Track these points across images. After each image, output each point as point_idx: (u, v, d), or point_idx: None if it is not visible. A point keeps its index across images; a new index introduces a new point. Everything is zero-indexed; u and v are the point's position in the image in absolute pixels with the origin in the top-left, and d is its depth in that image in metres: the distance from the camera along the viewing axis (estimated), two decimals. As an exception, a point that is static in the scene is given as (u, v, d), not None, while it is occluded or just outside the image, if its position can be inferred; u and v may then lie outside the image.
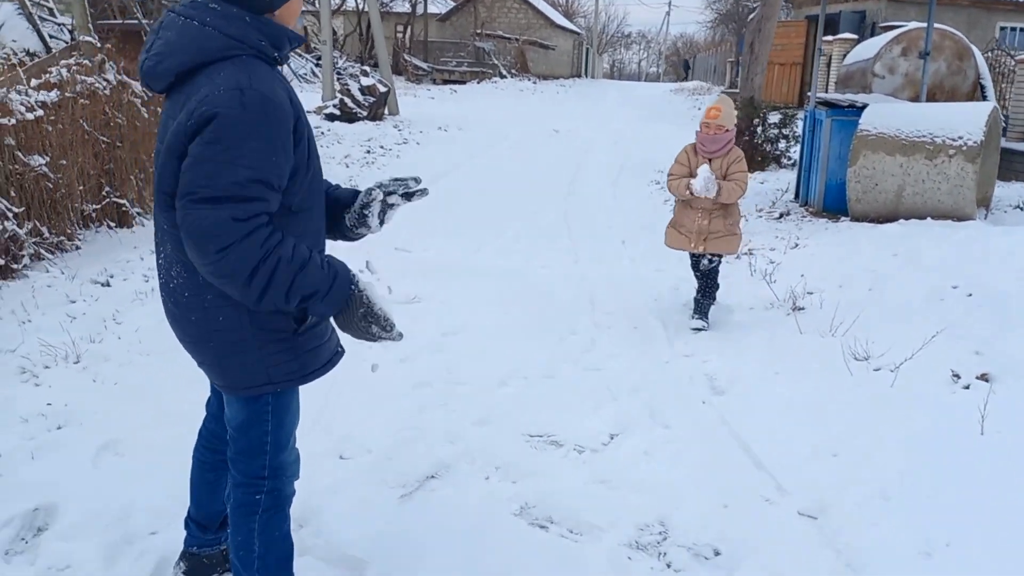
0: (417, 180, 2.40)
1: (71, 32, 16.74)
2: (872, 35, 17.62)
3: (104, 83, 7.24)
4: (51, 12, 17.59)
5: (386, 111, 19.69)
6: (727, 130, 5.27)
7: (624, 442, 3.68)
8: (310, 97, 19.74)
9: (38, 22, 16.16)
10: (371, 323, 2.06)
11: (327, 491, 3.16)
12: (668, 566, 2.79)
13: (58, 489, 2.99)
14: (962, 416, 3.92)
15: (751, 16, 22.22)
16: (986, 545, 2.88)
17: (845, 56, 13.84)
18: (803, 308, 5.63)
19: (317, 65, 26.58)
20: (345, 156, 12.92)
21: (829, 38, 17.97)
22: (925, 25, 9.74)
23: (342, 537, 2.84)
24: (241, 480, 2.19)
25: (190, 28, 1.97)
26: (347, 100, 18.66)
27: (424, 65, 33.50)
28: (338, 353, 2.26)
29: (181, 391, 3.63)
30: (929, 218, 7.53)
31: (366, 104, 18.78)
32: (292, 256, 1.91)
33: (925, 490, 3.31)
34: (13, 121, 5.84)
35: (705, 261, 5.47)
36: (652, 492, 3.22)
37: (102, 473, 3.17)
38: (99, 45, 7.55)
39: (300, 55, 29.10)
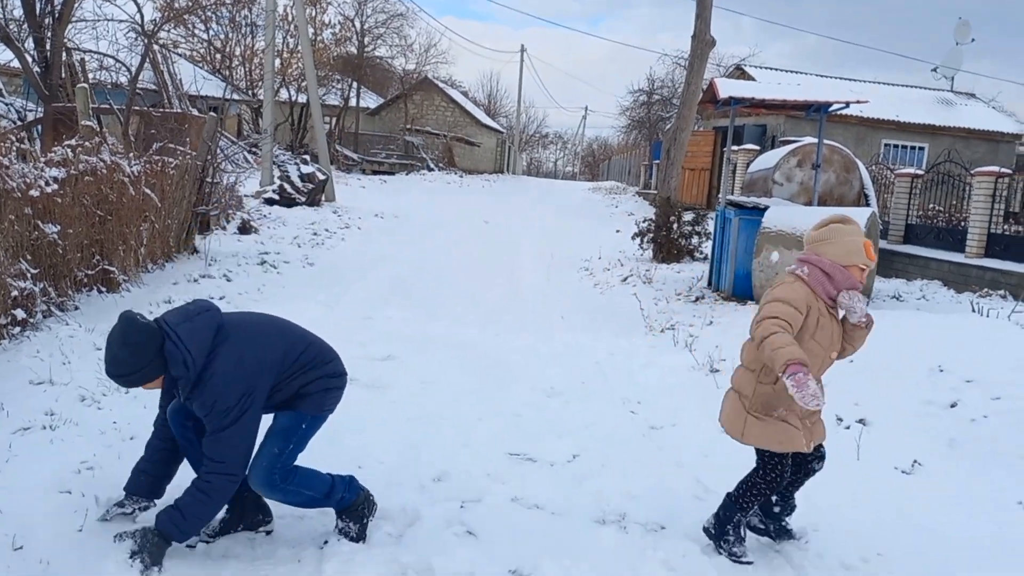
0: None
1: (17, 112, 17.39)
2: (773, 147, 19.69)
3: (102, 163, 8.01)
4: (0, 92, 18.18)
5: (323, 198, 20.64)
6: None
7: (585, 459, 4.64)
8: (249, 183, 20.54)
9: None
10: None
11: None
12: (625, 529, 3.77)
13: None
14: (843, 447, 5.05)
15: (668, 127, 24.31)
16: (854, 519, 3.94)
17: (749, 164, 15.61)
18: (719, 370, 6.74)
19: (250, 152, 27.51)
20: (295, 237, 13.75)
21: (735, 147, 19.95)
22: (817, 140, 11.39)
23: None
24: None
25: None
26: (286, 186, 19.56)
27: (354, 155, 34.71)
28: None
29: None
30: (820, 303, 8.85)
31: (305, 190, 19.70)
32: None
33: (818, 496, 4.35)
34: (37, 193, 6.57)
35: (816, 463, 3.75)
36: (612, 490, 4.18)
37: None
38: (98, 129, 8.34)
39: (233, 141, 29.92)
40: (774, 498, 3.75)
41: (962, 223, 12.30)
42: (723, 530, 3.64)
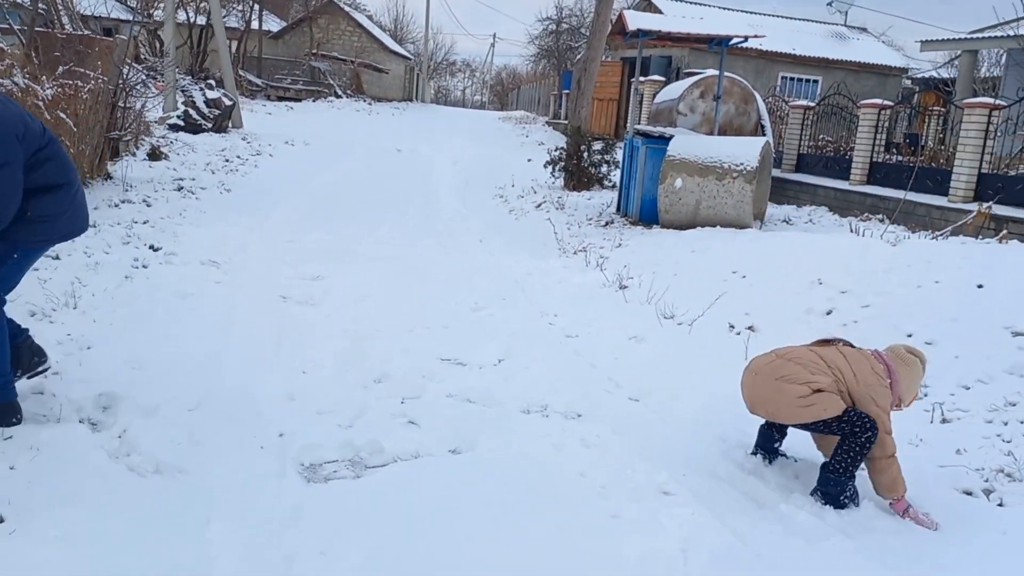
0: None
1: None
2: (677, 78, 20.31)
3: (14, 86, 7.91)
4: None
5: (230, 124, 20.29)
6: None
7: (510, 362, 5.18)
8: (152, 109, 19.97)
9: None
10: None
11: (300, 389, 4.42)
12: (547, 417, 4.33)
13: (107, 384, 4.06)
14: (734, 349, 5.71)
15: (579, 57, 24.59)
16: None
17: (655, 95, 16.17)
18: (627, 287, 7.34)
19: (150, 77, 26.48)
20: (207, 164, 13.65)
21: (642, 79, 20.48)
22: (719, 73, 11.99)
23: (321, 403, 4.13)
24: None
25: None
26: (192, 112, 19.14)
27: (259, 81, 33.80)
28: None
29: (161, 327, 4.84)
30: (719, 226, 9.56)
31: (211, 116, 19.32)
32: None
33: (712, 388, 5.00)
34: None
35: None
36: (535, 386, 4.72)
37: (130, 376, 4.25)
38: (6, 49, 8.18)
39: (130, 65, 28.66)
40: (775, 435, 4.12)
41: (849, 153, 13.21)
42: (840, 502, 3.64)
